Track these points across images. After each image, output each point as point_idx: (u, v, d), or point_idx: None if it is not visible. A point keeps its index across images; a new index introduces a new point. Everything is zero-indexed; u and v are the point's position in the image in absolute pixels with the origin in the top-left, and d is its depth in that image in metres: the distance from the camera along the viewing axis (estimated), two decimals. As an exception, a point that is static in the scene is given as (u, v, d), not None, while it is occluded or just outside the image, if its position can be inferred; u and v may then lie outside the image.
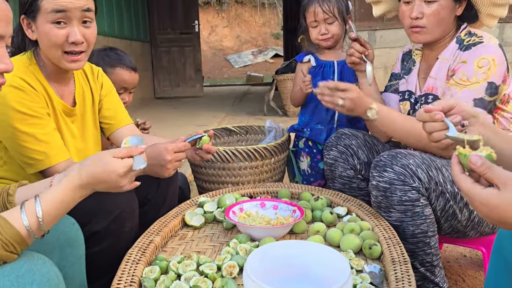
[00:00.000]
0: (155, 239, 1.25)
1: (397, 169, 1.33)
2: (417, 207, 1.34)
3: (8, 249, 0.83)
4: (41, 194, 0.91)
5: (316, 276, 0.89)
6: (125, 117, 1.64)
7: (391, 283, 1.03)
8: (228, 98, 8.62)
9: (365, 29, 5.42)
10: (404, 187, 1.32)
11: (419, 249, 1.38)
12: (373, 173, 1.39)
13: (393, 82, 1.77)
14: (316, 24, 1.99)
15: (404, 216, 1.35)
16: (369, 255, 1.20)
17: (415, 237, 1.37)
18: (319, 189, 1.68)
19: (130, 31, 7.42)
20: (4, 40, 0.87)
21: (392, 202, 1.35)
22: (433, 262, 1.39)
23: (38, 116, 1.29)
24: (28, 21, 1.28)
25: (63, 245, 1.09)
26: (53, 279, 0.86)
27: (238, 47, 17.59)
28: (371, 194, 1.42)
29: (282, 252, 0.90)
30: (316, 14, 1.96)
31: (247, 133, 2.40)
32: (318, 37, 2.00)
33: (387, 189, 1.34)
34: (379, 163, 1.38)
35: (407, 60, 1.73)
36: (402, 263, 1.10)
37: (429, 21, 1.47)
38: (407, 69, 1.71)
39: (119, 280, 1.04)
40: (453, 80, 1.44)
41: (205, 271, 1.10)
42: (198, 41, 8.76)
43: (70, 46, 1.28)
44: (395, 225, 1.36)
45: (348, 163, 1.66)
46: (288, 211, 1.42)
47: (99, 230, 1.23)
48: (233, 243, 1.26)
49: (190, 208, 1.50)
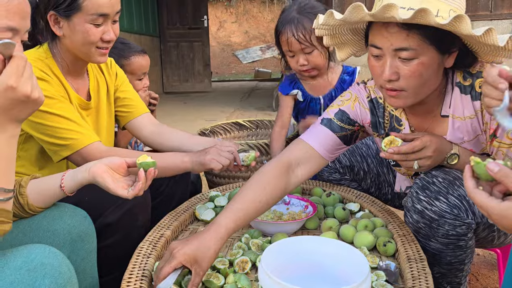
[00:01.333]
0: (166, 233, 1.24)
1: (452, 200, 1.13)
2: (462, 241, 1.17)
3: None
4: None
5: (332, 272, 0.87)
6: (142, 106, 1.65)
7: (407, 281, 1.01)
8: (236, 93, 8.61)
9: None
10: (455, 222, 1.13)
11: (451, 273, 1.25)
12: (420, 195, 1.16)
13: (343, 124, 1.34)
14: (293, 54, 1.73)
15: (444, 248, 1.19)
16: (383, 252, 1.18)
17: (451, 265, 1.22)
18: (330, 185, 1.66)
19: (140, 26, 7.43)
20: (19, 35, 0.85)
21: (436, 234, 1.17)
22: (461, 281, 1.28)
23: (64, 101, 1.32)
24: (56, 17, 1.29)
25: (74, 239, 1.08)
26: (65, 272, 0.85)
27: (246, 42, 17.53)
28: (409, 214, 1.22)
29: (298, 248, 0.88)
30: (290, 44, 1.69)
31: (258, 128, 2.39)
32: (297, 68, 1.76)
33: (435, 221, 1.15)
34: (431, 186, 1.15)
35: (380, 114, 1.34)
36: (418, 260, 1.08)
37: (409, 83, 1.11)
38: (389, 129, 1.33)
39: (130, 274, 1.03)
40: (500, 142, 1.13)
41: (217, 266, 1.08)
42: (207, 36, 8.75)
43: (103, 43, 1.33)
44: (432, 253, 1.20)
45: (331, 167, 1.62)
46: (300, 207, 1.40)
47: (112, 222, 1.23)
48: (245, 238, 1.24)
49: (201, 202, 1.49)
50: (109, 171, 1.05)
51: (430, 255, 1.19)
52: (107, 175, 1.03)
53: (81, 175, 1.05)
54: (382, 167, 1.66)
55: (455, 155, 1.18)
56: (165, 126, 1.63)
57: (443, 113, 1.23)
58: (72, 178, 1.06)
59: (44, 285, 0.80)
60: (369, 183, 1.69)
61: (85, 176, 1.05)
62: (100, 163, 1.05)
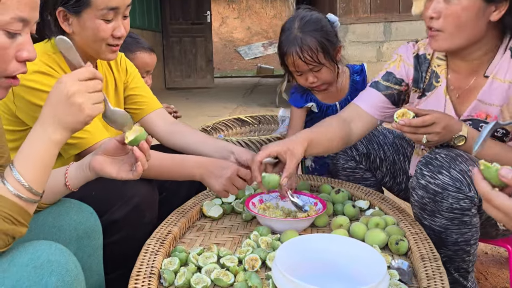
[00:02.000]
0: (173, 229, 1.22)
1: (455, 174, 1.16)
2: (467, 216, 1.20)
3: (9, 221, 0.78)
4: (14, 158, 0.84)
5: (347, 271, 0.85)
6: (154, 101, 1.61)
7: (421, 280, 0.98)
8: (239, 89, 8.58)
9: (381, 21, 5.34)
10: (458, 195, 1.17)
11: (458, 256, 1.28)
12: (424, 170, 1.21)
13: (390, 84, 1.46)
14: (301, 73, 1.69)
15: (450, 224, 1.22)
16: (395, 250, 1.16)
17: (457, 245, 1.25)
18: (339, 182, 1.63)
19: (142, 21, 7.40)
20: (29, 26, 0.83)
21: (440, 208, 1.20)
22: (468, 268, 1.30)
23: None
24: (65, 14, 1.25)
25: (81, 235, 1.06)
26: (72, 269, 0.82)
27: (249, 38, 17.49)
28: (414, 192, 1.26)
29: (312, 246, 0.86)
30: (297, 65, 1.65)
31: (260, 123, 2.36)
32: (307, 85, 1.73)
33: (438, 193, 1.19)
34: (434, 162, 1.20)
35: (423, 69, 1.42)
36: (432, 259, 1.05)
37: (446, 23, 1.19)
38: (427, 84, 1.41)
39: (139, 271, 1.01)
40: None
41: (226, 264, 1.06)
42: (210, 32, 8.72)
43: (114, 40, 1.29)
44: (438, 231, 1.24)
45: (348, 154, 1.61)
46: (309, 204, 1.37)
47: (118, 218, 1.20)
48: (254, 235, 1.22)
49: (208, 199, 1.47)
50: (107, 159, 1.01)
51: (436, 234, 1.22)
52: (106, 165, 1.00)
53: (83, 174, 1.03)
54: (398, 155, 1.68)
55: (462, 137, 1.22)
56: (180, 124, 1.59)
57: (486, 73, 1.26)
58: (76, 176, 1.04)
59: (51, 283, 0.78)
60: (385, 171, 1.69)
61: (88, 175, 1.03)
62: (95, 155, 1.02)
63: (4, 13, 0.77)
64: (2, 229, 0.77)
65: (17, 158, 0.83)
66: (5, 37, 0.79)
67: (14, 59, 0.82)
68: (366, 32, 5.38)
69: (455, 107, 1.36)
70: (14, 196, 0.80)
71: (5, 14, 0.77)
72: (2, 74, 0.82)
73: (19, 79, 0.86)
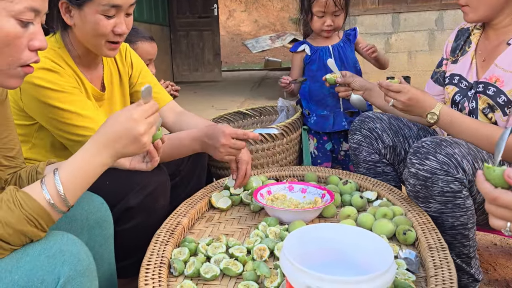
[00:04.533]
0: (182, 220, 1.23)
1: (441, 158, 1.22)
2: (459, 198, 1.24)
3: (32, 224, 0.80)
4: (60, 166, 0.87)
5: (355, 260, 0.86)
6: (163, 95, 1.61)
7: (429, 270, 0.99)
8: (246, 83, 8.57)
9: (389, 12, 5.29)
10: (447, 178, 1.22)
11: (457, 241, 1.31)
12: (413, 159, 1.28)
13: (437, 69, 1.64)
14: (323, 14, 1.96)
15: (444, 208, 1.26)
16: (403, 241, 1.16)
17: (454, 229, 1.29)
18: (347, 173, 1.64)
19: (150, 15, 7.41)
20: (39, 16, 0.84)
21: (432, 192, 1.25)
22: (469, 254, 1.33)
23: (76, 94, 1.28)
24: (67, 6, 1.25)
25: (92, 225, 1.08)
26: (83, 259, 0.84)
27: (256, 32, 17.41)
28: (407, 182, 1.32)
29: (320, 235, 0.86)
30: (327, 5, 1.92)
31: (261, 115, 2.36)
32: (323, 28, 1.99)
33: (428, 179, 1.24)
34: (421, 149, 1.27)
35: (463, 38, 1.56)
36: (439, 249, 1.06)
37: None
38: (461, 49, 1.55)
39: (149, 261, 1.02)
40: None
41: (235, 254, 1.07)
42: (217, 25, 8.70)
43: (115, 36, 1.28)
44: (434, 216, 1.28)
45: (373, 147, 1.60)
46: (317, 195, 1.38)
47: (133, 205, 1.22)
48: (262, 226, 1.23)
49: (216, 190, 1.48)
50: None
51: (433, 219, 1.25)
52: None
53: None
54: None
55: (434, 114, 1.35)
56: (186, 112, 1.62)
57: (510, 41, 1.35)
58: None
59: (63, 272, 0.80)
60: None
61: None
62: None
63: (18, 2, 0.79)
64: (23, 230, 0.79)
65: (63, 169, 0.85)
66: (18, 26, 0.81)
67: (26, 48, 0.84)
68: (374, 23, 5.34)
69: (477, 69, 1.46)
70: (46, 202, 0.82)
71: (19, 3, 0.79)
72: (16, 63, 0.84)
73: (33, 67, 0.88)
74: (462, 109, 1.49)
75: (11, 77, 0.85)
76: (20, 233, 0.79)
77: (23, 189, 0.83)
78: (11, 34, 0.80)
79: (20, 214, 0.79)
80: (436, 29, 5.18)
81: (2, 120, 1.02)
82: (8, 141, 1.04)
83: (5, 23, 0.79)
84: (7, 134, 1.04)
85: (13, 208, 0.79)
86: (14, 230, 0.78)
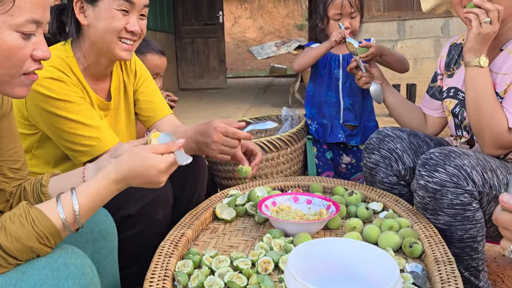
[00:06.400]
0: (186, 232, 1.22)
1: (450, 169, 1.21)
2: (469, 211, 1.23)
3: (42, 242, 0.81)
4: (77, 187, 0.89)
5: (360, 276, 0.85)
6: (163, 108, 1.60)
7: (436, 284, 0.97)
8: (252, 89, 8.58)
9: (394, 19, 5.28)
10: (457, 190, 1.21)
11: (465, 254, 1.29)
12: (421, 171, 1.26)
13: (435, 84, 1.66)
14: (339, 17, 1.91)
15: (453, 220, 1.25)
16: (409, 253, 1.15)
17: (463, 242, 1.27)
18: (352, 184, 1.62)
19: (155, 22, 7.44)
20: (41, 27, 0.85)
21: (441, 205, 1.24)
22: (478, 266, 1.31)
23: (82, 104, 1.29)
24: (82, 5, 1.27)
25: (96, 238, 1.07)
26: (87, 273, 0.84)
27: (261, 38, 17.47)
28: (416, 194, 1.31)
29: (324, 250, 0.86)
30: (343, 7, 1.88)
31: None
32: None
33: (437, 191, 1.23)
34: (429, 161, 1.25)
35: (456, 53, 1.58)
36: (446, 263, 1.04)
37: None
38: (455, 63, 1.56)
39: (153, 274, 1.02)
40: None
41: (240, 266, 1.07)
42: (222, 32, 8.73)
43: (127, 34, 1.30)
44: (442, 229, 1.27)
45: (392, 169, 1.53)
46: (322, 206, 1.37)
47: (132, 213, 1.22)
48: (267, 238, 1.22)
49: (221, 201, 1.47)
50: None
51: (441, 232, 1.24)
52: None
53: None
54: None
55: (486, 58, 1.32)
56: (184, 126, 1.60)
57: (502, 48, 1.38)
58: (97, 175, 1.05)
59: (67, 285, 0.80)
60: None
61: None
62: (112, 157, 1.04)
63: (19, 16, 0.79)
64: (32, 247, 0.80)
65: (82, 191, 0.88)
66: (20, 39, 0.81)
67: (29, 57, 0.85)
68: (379, 30, 5.33)
69: None
70: (58, 219, 0.84)
71: (20, 16, 0.80)
72: (19, 72, 0.84)
73: (37, 74, 0.89)
74: (463, 120, 1.48)
75: (17, 86, 0.86)
76: (29, 249, 0.80)
77: (37, 205, 0.85)
78: (14, 47, 0.81)
79: (31, 230, 0.80)
80: (442, 36, 5.17)
81: (7, 133, 1.02)
82: (13, 153, 1.04)
83: (7, 37, 0.79)
84: (12, 146, 1.04)
85: (25, 223, 0.80)
86: (23, 245, 0.79)
